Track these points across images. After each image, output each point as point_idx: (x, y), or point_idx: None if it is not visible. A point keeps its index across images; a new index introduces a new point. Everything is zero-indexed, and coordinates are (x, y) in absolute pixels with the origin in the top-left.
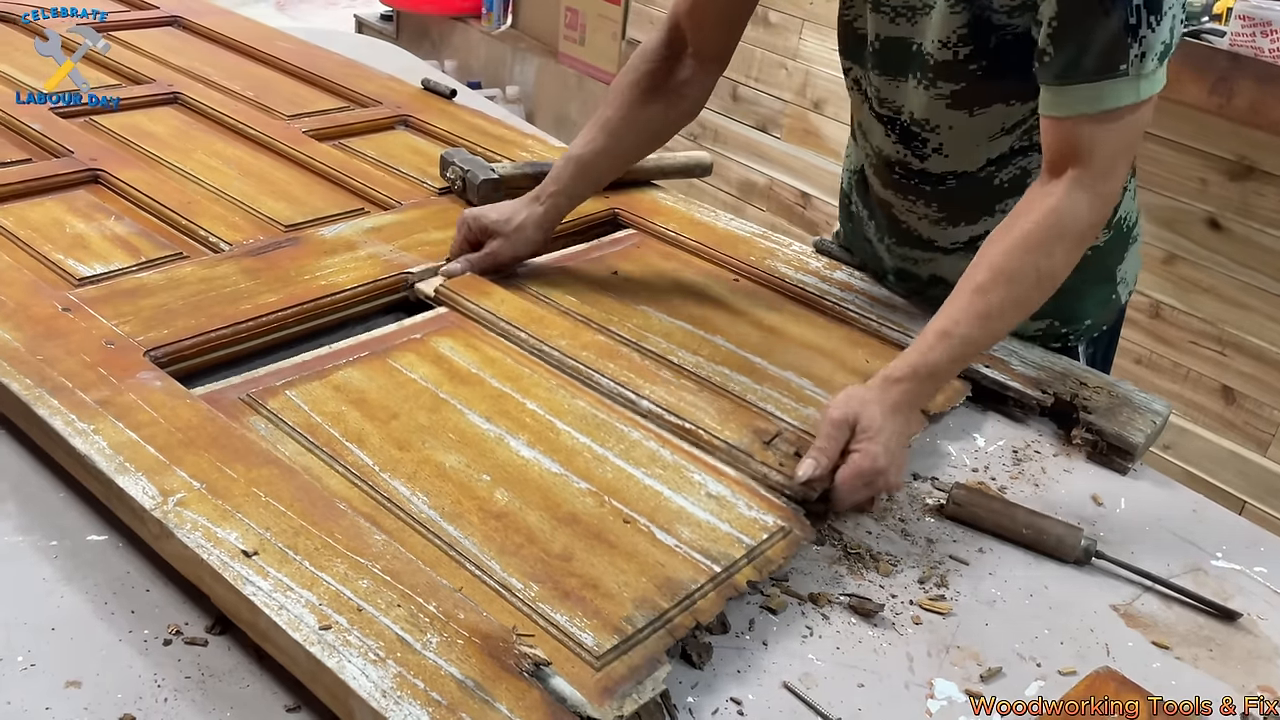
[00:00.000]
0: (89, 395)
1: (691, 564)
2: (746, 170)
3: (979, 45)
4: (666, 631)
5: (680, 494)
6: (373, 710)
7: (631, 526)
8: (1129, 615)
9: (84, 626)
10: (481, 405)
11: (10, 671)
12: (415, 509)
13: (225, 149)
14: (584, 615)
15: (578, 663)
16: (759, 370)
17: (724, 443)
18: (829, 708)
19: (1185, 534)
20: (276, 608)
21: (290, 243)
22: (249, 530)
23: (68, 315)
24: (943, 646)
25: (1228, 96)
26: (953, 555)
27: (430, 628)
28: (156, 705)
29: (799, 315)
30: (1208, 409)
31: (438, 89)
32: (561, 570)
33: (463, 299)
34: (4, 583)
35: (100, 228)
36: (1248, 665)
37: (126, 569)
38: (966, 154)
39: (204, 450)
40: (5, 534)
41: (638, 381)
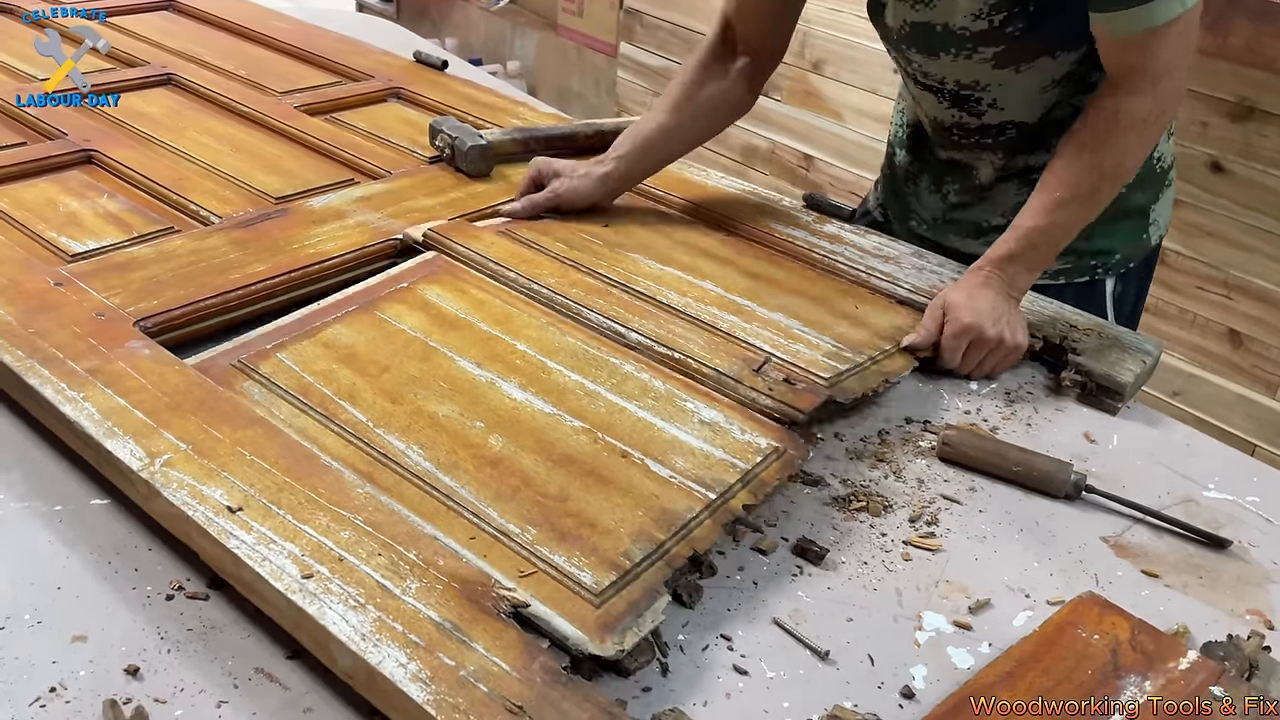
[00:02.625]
0: (79, 365)
1: (687, 493)
2: (748, 135)
3: (1016, 10)
4: (664, 563)
5: (673, 423)
6: (352, 653)
7: (626, 460)
8: (1119, 546)
9: (88, 585)
10: (472, 350)
11: (18, 628)
12: (411, 462)
13: (217, 126)
14: (582, 554)
15: (579, 601)
16: (747, 311)
17: (713, 370)
18: (817, 641)
19: (1178, 468)
20: (260, 559)
21: (279, 214)
22: (233, 487)
23: (59, 290)
24: (932, 581)
25: (1224, 36)
26: (944, 495)
27: (410, 574)
28: (160, 656)
29: (788, 266)
30: (1215, 354)
31: (429, 61)
32: (558, 511)
33: (451, 241)
34: (10, 546)
35: (93, 206)
36: (1237, 591)
37: (128, 530)
38: (1021, 106)
39: (191, 413)
40: (10, 500)
41: (626, 316)
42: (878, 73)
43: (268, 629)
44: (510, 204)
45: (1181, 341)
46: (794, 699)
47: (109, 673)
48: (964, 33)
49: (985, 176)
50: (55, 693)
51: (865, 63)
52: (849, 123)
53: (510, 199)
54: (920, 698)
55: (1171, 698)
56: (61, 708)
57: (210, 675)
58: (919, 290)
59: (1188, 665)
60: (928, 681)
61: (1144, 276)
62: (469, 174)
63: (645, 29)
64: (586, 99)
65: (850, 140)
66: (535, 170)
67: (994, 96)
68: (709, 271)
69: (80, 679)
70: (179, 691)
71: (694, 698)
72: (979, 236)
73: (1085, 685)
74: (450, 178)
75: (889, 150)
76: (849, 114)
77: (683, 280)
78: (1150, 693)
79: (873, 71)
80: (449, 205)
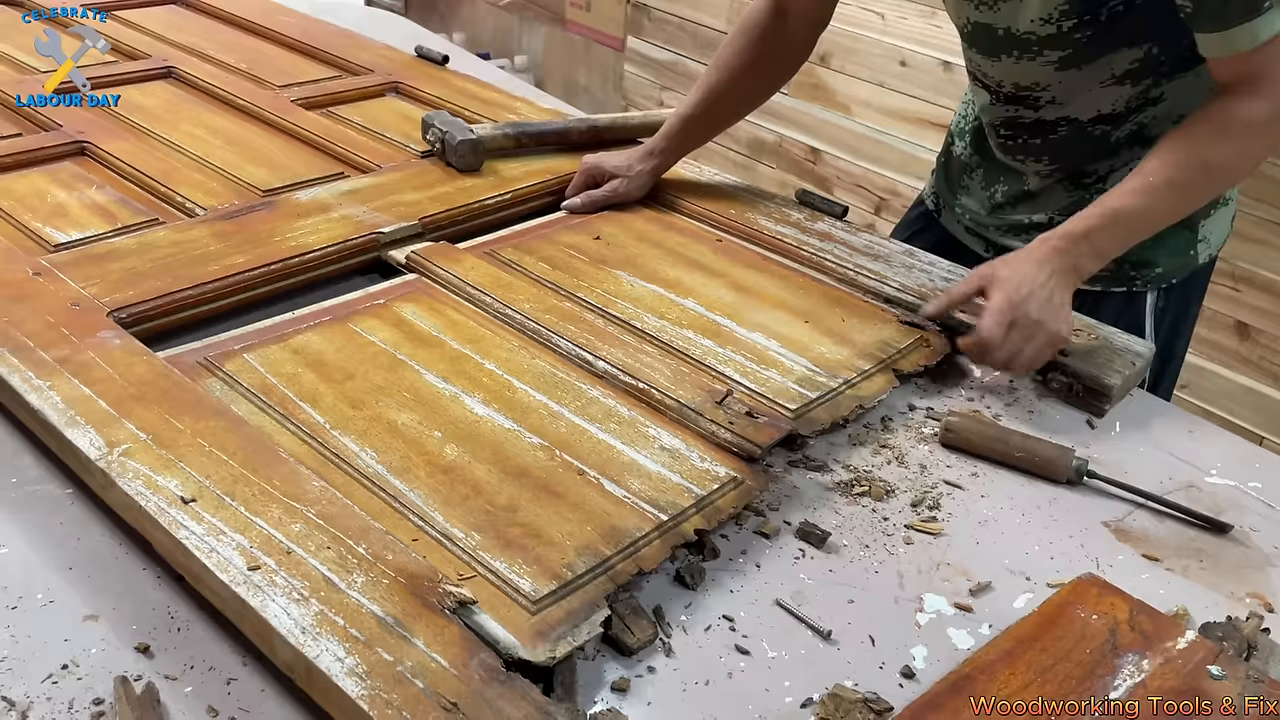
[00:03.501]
0: (49, 353)
1: (638, 513)
2: (755, 129)
3: (1087, 18)
4: (608, 578)
5: (633, 447)
6: (291, 647)
7: (581, 479)
8: (1120, 531)
9: (100, 566)
10: (439, 366)
11: (31, 608)
12: (363, 464)
13: (213, 119)
14: (524, 562)
15: (514, 607)
16: (725, 333)
17: (675, 401)
18: (819, 621)
19: (1180, 454)
20: (207, 550)
21: (265, 206)
22: (189, 478)
23: (37, 279)
24: (933, 564)
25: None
26: (946, 480)
27: (357, 568)
28: (171, 635)
29: (779, 275)
30: (1223, 346)
31: (430, 55)
32: (505, 520)
33: (432, 265)
34: (24, 528)
35: (81, 197)
36: (1238, 575)
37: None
38: (1078, 101)
39: (154, 404)
40: (25, 484)
41: (595, 343)
42: (884, 66)
43: None
44: (570, 201)
45: None
46: (795, 678)
47: (120, 651)
48: (1030, 37)
49: (1033, 184)
50: (67, 670)
51: (872, 56)
52: (856, 116)
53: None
54: (920, 677)
55: (1169, 676)
56: (74, 684)
57: (219, 653)
58: (906, 289)
59: (1185, 645)
60: (928, 662)
61: (1190, 295)
62: (459, 168)
63: (653, 23)
64: (594, 93)
65: (857, 133)
66: (587, 174)
67: (1053, 95)
68: (693, 286)
69: (92, 657)
70: (189, 669)
71: (696, 676)
72: (1020, 234)
73: (1084, 664)
74: (440, 172)
75: (948, 139)
76: (856, 107)
77: (663, 299)
78: (1148, 671)
79: (879, 65)
80: (436, 199)
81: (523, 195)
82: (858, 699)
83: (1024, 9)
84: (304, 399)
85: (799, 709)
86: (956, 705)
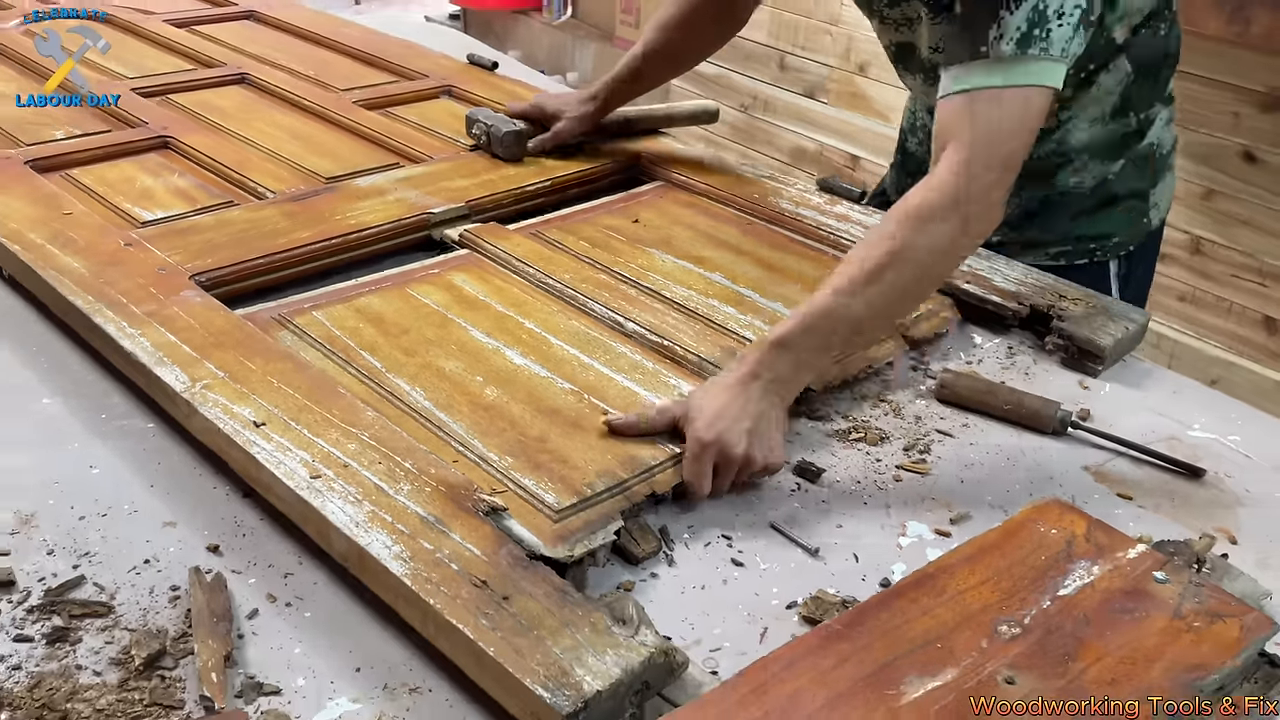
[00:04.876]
0: (139, 308)
1: (654, 445)
2: (796, 137)
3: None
4: (624, 497)
5: (655, 394)
6: (346, 538)
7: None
8: (1099, 474)
9: (177, 484)
10: (484, 324)
11: (118, 515)
12: (413, 400)
13: (281, 118)
14: (550, 481)
15: (538, 515)
16: (747, 302)
17: (696, 356)
18: (808, 540)
19: (1164, 411)
20: (276, 463)
21: (328, 190)
22: (260, 407)
23: (128, 249)
24: (919, 498)
25: (1245, 25)
26: (938, 429)
27: (404, 479)
28: (237, 539)
29: (802, 254)
30: (1252, 341)
31: (480, 62)
32: (536, 448)
33: (482, 241)
34: (113, 453)
35: (165, 183)
36: (1207, 512)
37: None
38: None
39: (230, 350)
40: (113, 419)
41: (627, 308)
42: None
43: None
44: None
45: (1219, 329)
46: (783, 586)
47: (194, 550)
48: (928, 62)
49: None
50: (149, 564)
51: None
52: (895, 123)
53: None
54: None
55: (1115, 579)
56: (154, 575)
57: (278, 554)
58: None
59: (1135, 555)
60: (905, 575)
61: (1148, 257)
62: (503, 158)
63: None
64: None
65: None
66: (526, 112)
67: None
68: (721, 263)
69: (169, 554)
70: (252, 565)
71: (694, 582)
72: None
73: (1038, 567)
74: (486, 162)
75: (901, 138)
76: (895, 115)
77: (692, 273)
78: (1096, 575)
79: None
80: (481, 185)
81: (560, 183)
82: (837, 600)
83: (921, 36)
84: (363, 348)
85: (784, 609)
86: (916, 595)
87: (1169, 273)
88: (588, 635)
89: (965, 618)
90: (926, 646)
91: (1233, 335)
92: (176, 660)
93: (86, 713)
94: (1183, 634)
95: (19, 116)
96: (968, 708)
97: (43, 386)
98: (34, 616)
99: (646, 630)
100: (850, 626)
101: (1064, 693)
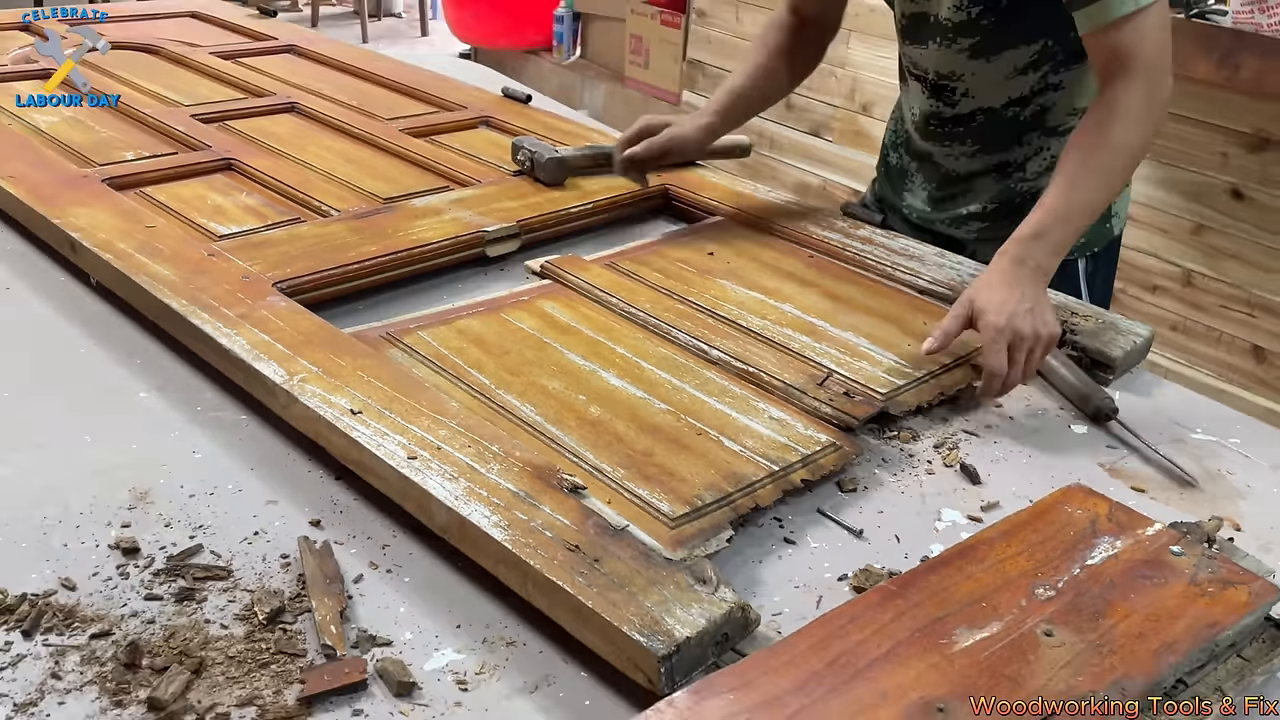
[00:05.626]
0: (231, 311)
1: (753, 463)
2: (801, 173)
3: (990, 5)
4: (730, 509)
5: (746, 416)
6: (447, 509)
7: (704, 436)
8: (1113, 470)
9: (275, 467)
10: (579, 348)
11: (224, 493)
12: (525, 415)
13: (333, 144)
14: (662, 492)
15: (656, 524)
16: (820, 331)
17: (782, 383)
18: (854, 524)
19: (1172, 415)
20: (376, 445)
21: (387, 210)
22: (354, 397)
23: (212, 259)
24: (950, 489)
25: (1234, 70)
26: (965, 430)
27: (493, 459)
28: (335, 515)
29: (867, 286)
30: (1241, 369)
31: (515, 95)
32: (644, 461)
33: (564, 273)
34: (212, 440)
35: (234, 200)
36: (1212, 503)
37: (296, 434)
38: (989, 93)
39: (319, 348)
40: (207, 410)
41: (709, 336)
42: None
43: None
44: (630, 150)
45: (1208, 358)
46: (833, 561)
47: (297, 523)
48: (947, 23)
49: (963, 168)
50: (258, 535)
51: None
52: None
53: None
54: None
55: (1137, 552)
56: (264, 545)
57: (375, 528)
58: (938, 282)
59: (1154, 532)
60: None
61: (1111, 261)
62: (546, 183)
63: (707, 78)
64: None
65: None
66: (644, 123)
67: (967, 86)
68: (789, 294)
69: (275, 527)
70: (352, 537)
71: (750, 559)
72: (961, 225)
73: (1067, 541)
74: (530, 186)
75: (883, 153)
76: None
77: (764, 304)
78: (1119, 548)
79: None
80: (528, 206)
81: (602, 205)
82: (884, 573)
83: (941, 3)
84: (471, 366)
85: (836, 581)
86: (960, 563)
87: (1161, 304)
88: (673, 592)
89: (1005, 582)
90: (972, 605)
91: (1223, 363)
92: (295, 616)
93: (219, 659)
94: (1199, 597)
95: (93, 139)
96: (1013, 654)
97: (139, 383)
98: (160, 579)
99: (725, 589)
100: (903, 588)
101: (1097, 644)
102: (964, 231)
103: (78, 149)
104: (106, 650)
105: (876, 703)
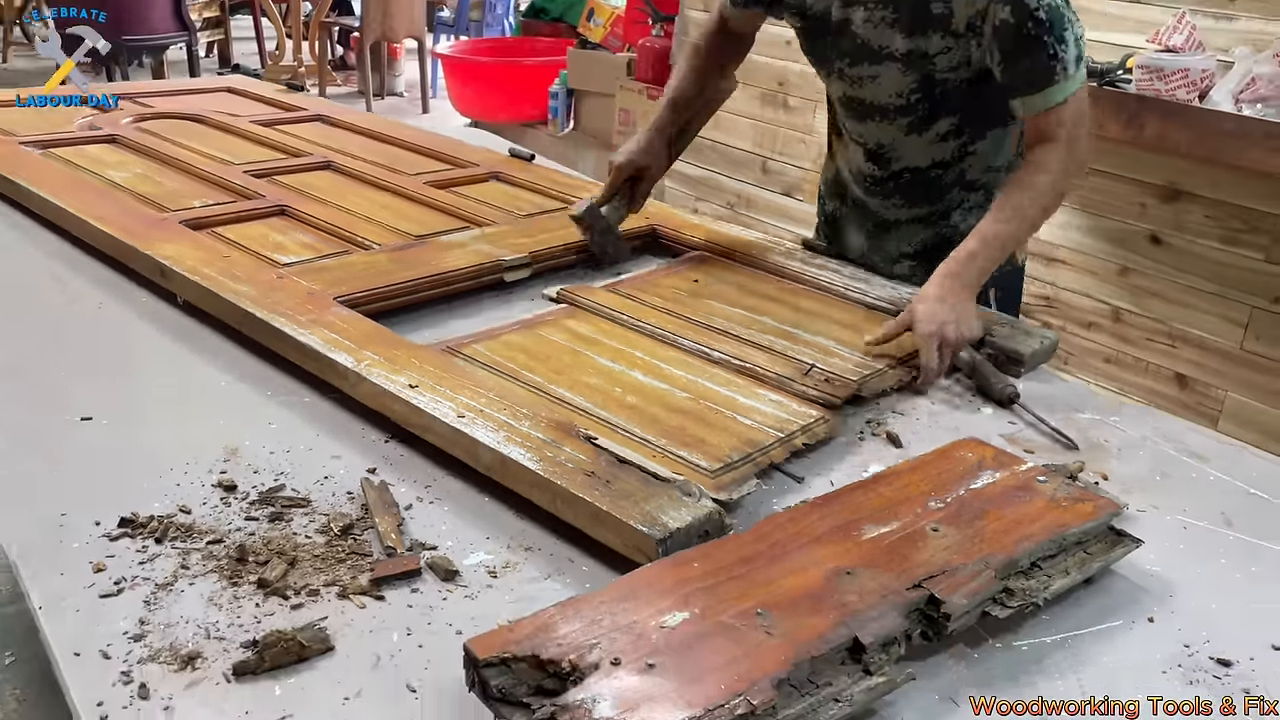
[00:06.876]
0: (302, 317)
1: (763, 432)
2: (777, 229)
3: (925, 93)
4: (752, 465)
5: (751, 399)
6: (492, 450)
7: (721, 415)
8: (1010, 439)
9: (338, 434)
10: (606, 354)
11: (298, 451)
12: (577, 403)
13: (368, 194)
14: (699, 453)
15: (700, 475)
16: (796, 336)
17: (774, 374)
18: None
19: (1066, 401)
20: (433, 409)
21: (420, 244)
22: (411, 376)
23: (281, 280)
24: (877, 450)
25: (1140, 129)
26: (894, 411)
27: (525, 418)
28: (389, 464)
29: (827, 303)
30: (1165, 394)
31: (520, 154)
32: (679, 433)
33: (578, 297)
34: (284, 414)
35: (291, 238)
36: (1088, 461)
37: (351, 413)
38: (918, 157)
39: (378, 345)
40: (276, 394)
41: (710, 342)
42: None
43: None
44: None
45: (1137, 386)
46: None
47: (358, 470)
48: (888, 107)
49: (894, 216)
50: (329, 479)
51: None
52: None
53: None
54: None
55: (1010, 480)
56: (332, 484)
57: (422, 473)
58: (882, 299)
59: (1026, 468)
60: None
61: (1017, 287)
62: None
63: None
64: None
65: None
66: (621, 175)
67: (900, 153)
68: (766, 309)
69: (341, 474)
70: (402, 480)
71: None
72: (893, 262)
73: (958, 474)
74: (538, 225)
75: (820, 202)
76: None
77: (748, 317)
78: (998, 478)
79: None
80: (537, 242)
81: None
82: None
83: (882, 88)
84: (523, 368)
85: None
86: (873, 485)
87: (1095, 338)
88: (667, 501)
89: (906, 498)
90: (879, 511)
91: (1150, 390)
92: (363, 530)
93: (307, 558)
94: (1055, 509)
95: (163, 190)
96: (907, 542)
97: (222, 375)
98: (255, 507)
99: (706, 500)
100: (827, 501)
101: (973, 536)
102: (897, 268)
103: (152, 198)
104: (221, 551)
105: (804, 569)
